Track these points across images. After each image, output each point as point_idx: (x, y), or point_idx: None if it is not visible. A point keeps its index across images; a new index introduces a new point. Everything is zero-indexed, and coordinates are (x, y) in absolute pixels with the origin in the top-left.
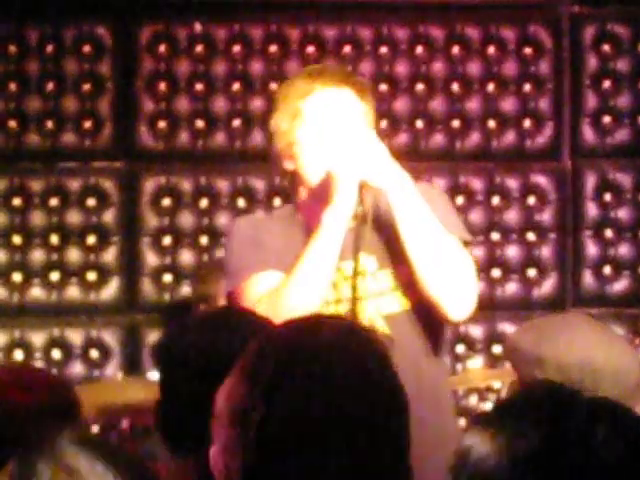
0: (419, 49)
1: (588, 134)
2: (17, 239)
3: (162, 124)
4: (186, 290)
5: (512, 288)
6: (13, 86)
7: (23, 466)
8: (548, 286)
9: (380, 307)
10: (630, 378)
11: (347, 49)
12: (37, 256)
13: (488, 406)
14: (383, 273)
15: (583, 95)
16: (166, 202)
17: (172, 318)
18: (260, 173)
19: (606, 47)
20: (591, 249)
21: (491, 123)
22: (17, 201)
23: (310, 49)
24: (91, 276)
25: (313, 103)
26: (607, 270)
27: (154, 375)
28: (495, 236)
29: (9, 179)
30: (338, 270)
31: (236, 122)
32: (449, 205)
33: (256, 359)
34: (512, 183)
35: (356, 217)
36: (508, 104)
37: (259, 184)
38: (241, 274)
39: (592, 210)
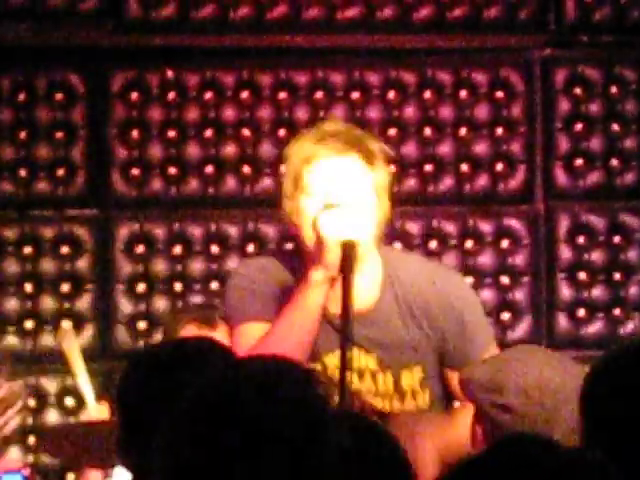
0: (391, 94)
1: (561, 177)
2: None
3: (135, 171)
4: (160, 337)
5: None
6: None
7: None
8: (522, 329)
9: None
10: None
11: (282, 95)
12: (11, 304)
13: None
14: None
15: (555, 138)
16: (140, 249)
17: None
18: (234, 219)
19: (578, 90)
20: (565, 292)
21: (464, 167)
22: None
23: (282, 95)
24: (65, 324)
25: (315, 171)
26: (581, 313)
27: None
28: (468, 280)
29: None
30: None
31: (209, 168)
32: (479, 307)
33: None
34: (485, 227)
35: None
36: (480, 148)
37: (233, 230)
38: (236, 318)
39: (565, 253)
